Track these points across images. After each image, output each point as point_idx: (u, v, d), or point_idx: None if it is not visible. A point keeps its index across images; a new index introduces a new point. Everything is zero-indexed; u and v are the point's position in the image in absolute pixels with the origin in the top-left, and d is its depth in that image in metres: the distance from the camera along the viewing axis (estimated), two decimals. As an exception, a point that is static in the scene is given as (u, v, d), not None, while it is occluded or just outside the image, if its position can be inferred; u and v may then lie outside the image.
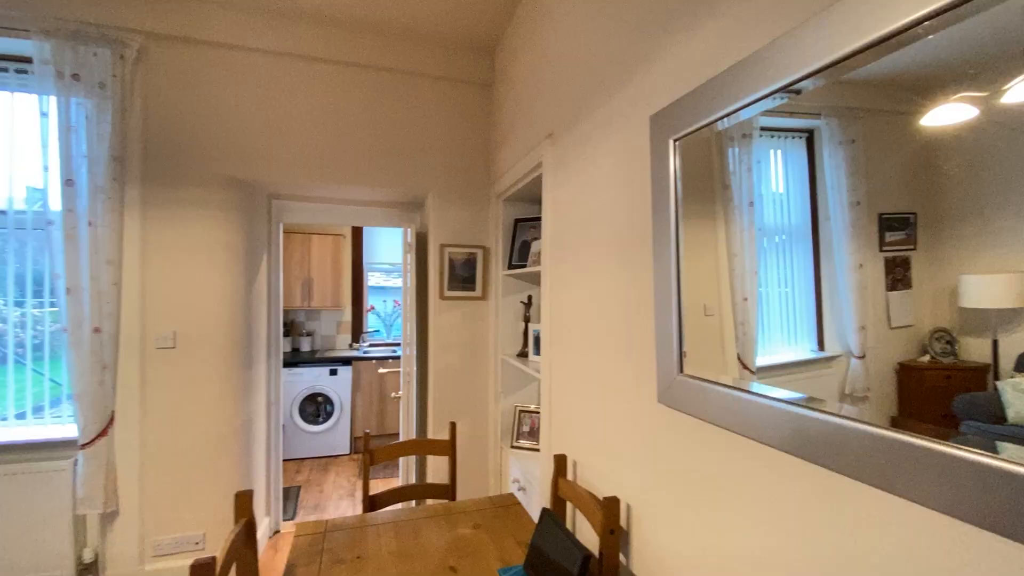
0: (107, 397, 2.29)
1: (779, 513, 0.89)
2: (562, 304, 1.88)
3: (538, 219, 2.69)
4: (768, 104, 0.87)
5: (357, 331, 5.18)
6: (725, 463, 1.02)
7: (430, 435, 2.87)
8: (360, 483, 3.88)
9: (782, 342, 0.90)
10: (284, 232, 4.28)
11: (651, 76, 1.28)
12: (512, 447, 2.66)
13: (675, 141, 1.10)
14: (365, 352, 4.84)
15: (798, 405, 0.83)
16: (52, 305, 2.53)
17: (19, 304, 2.50)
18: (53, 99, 2.20)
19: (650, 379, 1.28)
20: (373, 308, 5.41)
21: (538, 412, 2.65)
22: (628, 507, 1.39)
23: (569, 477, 1.79)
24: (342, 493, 3.66)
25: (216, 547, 2.50)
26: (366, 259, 5.32)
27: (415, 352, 3.00)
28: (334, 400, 4.48)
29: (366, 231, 5.30)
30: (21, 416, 2.49)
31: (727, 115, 0.95)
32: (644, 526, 1.31)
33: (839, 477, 0.77)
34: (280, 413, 3.02)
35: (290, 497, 3.52)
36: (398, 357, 4.72)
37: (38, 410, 2.49)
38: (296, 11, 2.50)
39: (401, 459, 3.05)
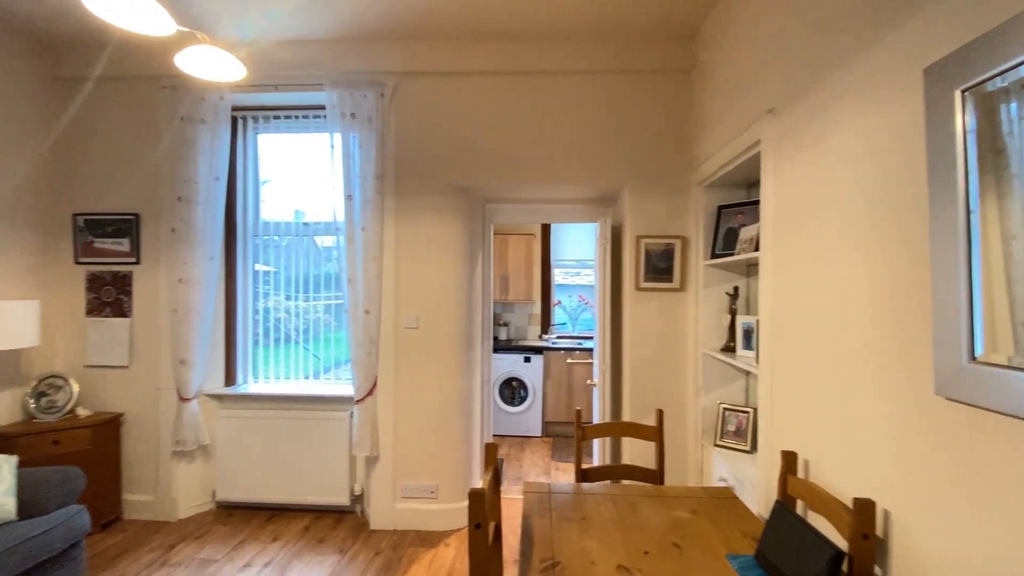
0: (373, 365, 2.91)
1: None
2: (788, 293, 1.75)
3: (747, 204, 2.53)
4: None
5: (545, 323, 5.52)
6: (1044, 469, 0.85)
7: (627, 423, 2.92)
8: (552, 462, 4.15)
9: None
10: (486, 232, 4.80)
11: (920, 24, 1.13)
12: (716, 445, 2.56)
13: (964, 92, 0.96)
14: (554, 343, 5.12)
15: None
16: (328, 296, 3.34)
17: (290, 298, 3.36)
18: (338, 135, 2.87)
19: (921, 370, 1.12)
20: (560, 303, 5.69)
21: (746, 411, 2.49)
22: (885, 512, 1.24)
23: (799, 475, 1.66)
24: (538, 471, 3.96)
25: (447, 497, 2.96)
26: (553, 256, 5.63)
27: (609, 343, 3.09)
28: (528, 385, 4.85)
29: (553, 231, 5.60)
30: (306, 377, 3.34)
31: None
32: (912, 535, 1.16)
33: None
34: (491, 391, 3.41)
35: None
36: (585, 349, 4.89)
37: (318, 374, 3.30)
38: (506, 33, 2.80)
39: (596, 441, 3.17)
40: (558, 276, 5.76)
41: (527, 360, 4.87)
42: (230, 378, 3.23)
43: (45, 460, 2.62)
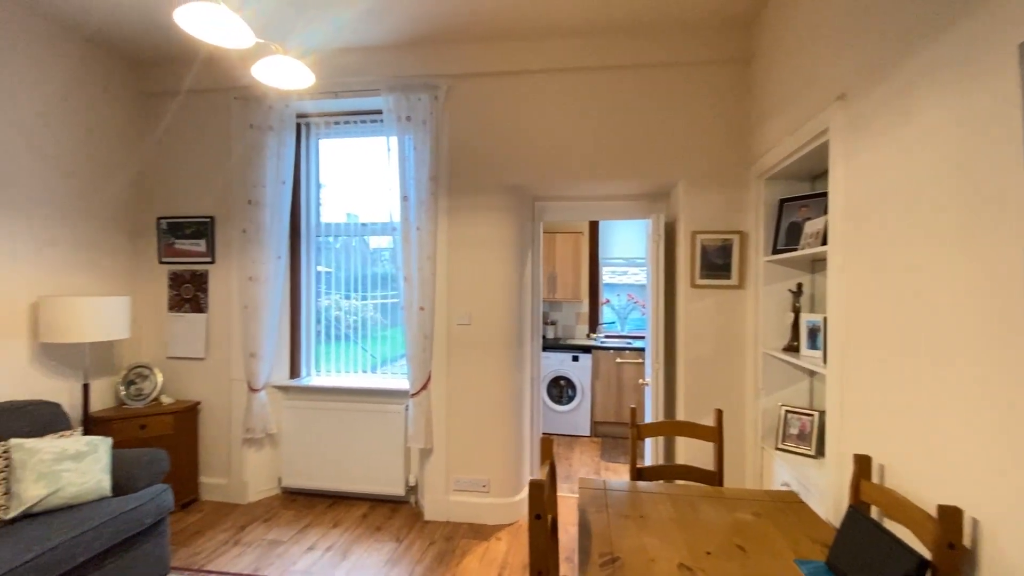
0: (427, 360, 2.99)
1: None
2: (861, 289, 1.66)
3: (812, 196, 2.41)
4: None
5: (593, 322, 5.47)
6: None
7: (681, 424, 2.86)
8: (602, 462, 4.11)
9: None
10: (534, 231, 4.82)
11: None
12: (777, 449, 2.46)
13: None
14: (602, 342, 5.07)
15: None
16: (380, 296, 3.46)
17: (345, 297, 3.50)
18: (394, 138, 2.97)
19: None
20: (608, 301, 5.63)
21: (810, 414, 2.38)
22: (974, 520, 1.16)
23: (874, 481, 1.57)
24: (587, 471, 3.93)
25: (498, 492, 3.00)
26: (601, 255, 5.57)
27: (662, 342, 3.03)
28: (576, 384, 4.83)
29: (601, 229, 5.54)
30: (364, 372, 3.47)
31: None
32: (1004, 545, 1.07)
33: None
34: (540, 389, 3.43)
35: (545, 465, 3.95)
36: (635, 349, 4.81)
37: (372, 370, 3.42)
38: (556, 31, 2.81)
39: (649, 441, 3.12)
40: (606, 275, 5.70)
41: (575, 359, 4.85)
42: (294, 371, 3.42)
43: (133, 443, 2.87)
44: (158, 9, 2.60)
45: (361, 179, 3.49)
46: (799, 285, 2.48)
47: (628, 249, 5.66)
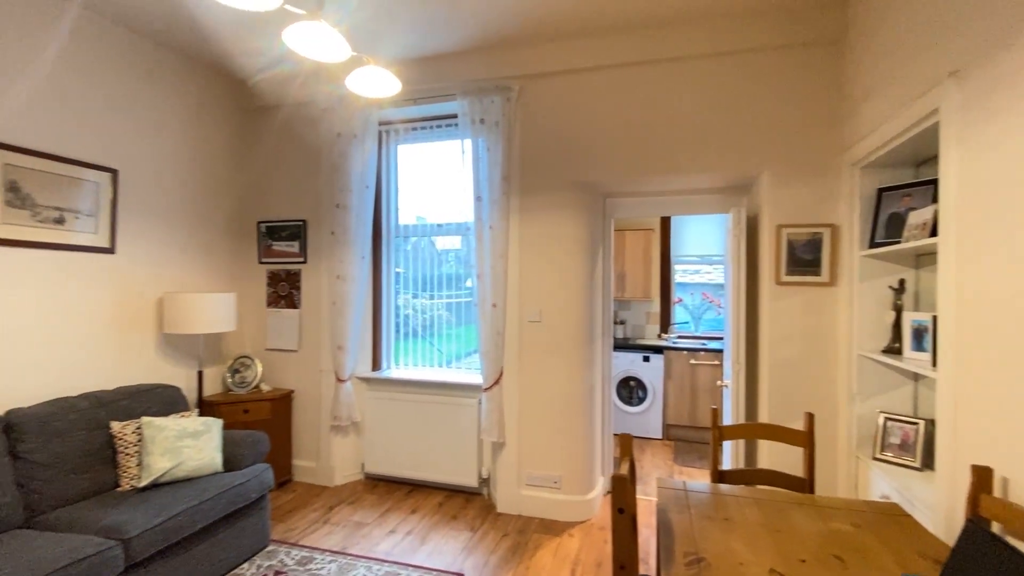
0: (499, 356, 3.06)
1: None
2: (980, 284, 1.50)
3: (917, 184, 2.21)
4: None
5: (665, 322, 5.32)
6: None
7: (764, 428, 2.72)
8: (676, 466, 3.99)
9: None
10: (604, 229, 4.77)
11: None
12: (875, 459, 2.28)
13: None
14: (675, 343, 4.91)
15: None
16: (447, 295, 3.58)
17: (415, 296, 3.64)
18: (468, 141, 3.07)
19: None
20: (681, 300, 5.44)
21: (914, 422, 2.18)
22: None
23: (995, 495, 1.42)
24: (660, 473, 3.83)
25: (570, 489, 3.01)
26: (673, 252, 5.40)
27: (743, 343, 2.89)
28: (647, 385, 4.72)
29: (673, 225, 5.37)
30: (439, 366, 3.61)
31: None
32: None
33: None
34: (611, 388, 3.39)
35: (615, 466, 3.91)
36: (710, 350, 4.62)
37: (443, 365, 3.54)
38: (628, 25, 2.76)
39: (728, 444, 2.99)
40: (678, 273, 5.51)
41: (646, 359, 4.74)
42: (376, 363, 3.63)
43: (237, 425, 3.18)
44: (263, 32, 2.86)
45: (431, 182, 3.64)
46: (901, 281, 2.28)
47: (702, 246, 5.44)
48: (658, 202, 3.31)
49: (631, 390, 4.85)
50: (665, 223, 5.36)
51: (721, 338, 5.14)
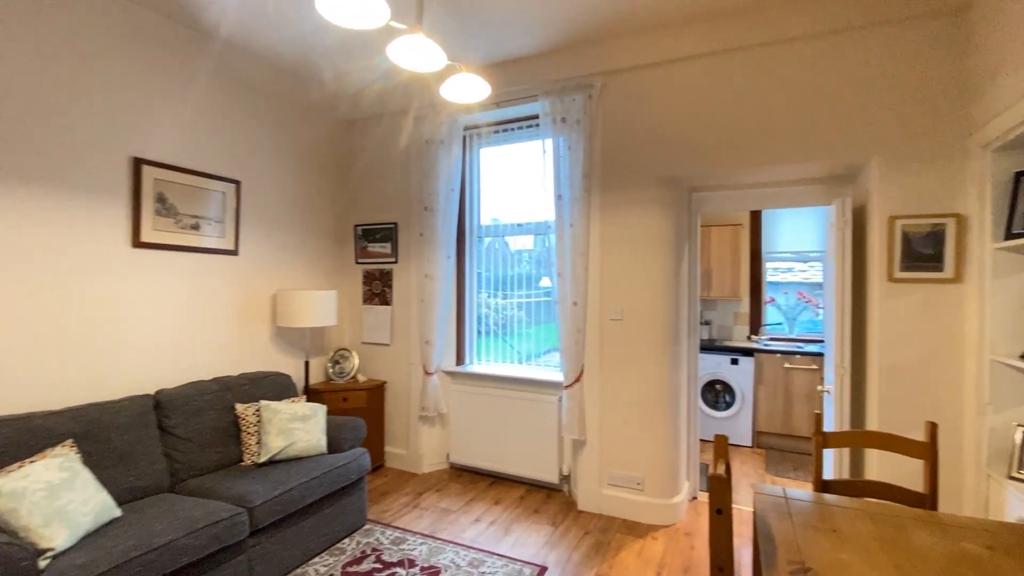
0: (580, 354, 3.07)
1: None
2: None
3: (1071, 167, 1.92)
4: None
5: (755, 323, 5.01)
6: None
7: (874, 439, 2.49)
8: (768, 476, 3.75)
9: None
10: (687, 226, 4.60)
11: None
12: (1011, 478, 2.01)
13: None
14: (766, 345, 4.62)
15: None
16: (521, 295, 3.62)
17: (491, 296, 3.71)
18: (550, 141, 3.11)
19: None
20: (773, 300, 5.10)
21: (1067, 438, 1.90)
22: None
23: None
24: (750, 482, 3.63)
25: (653, 491, 2.94)
26: (764, 249, 5.08)
27: (848, 345, 2.67)
28: (735, 389, 4.48)
29: (764, 221, 5.05)
30: (514, 363, 3.67)
31: None
32: None
33: None
34: (697, 390, 3.27)
35: (702, 471, 3.76)
36: (807, 353, 4.29)
37: (520, 363, 3.59)
38: (717, 10, 2.65)
39: (831, 452, 2.77)
40: (769, 271, 5.17)
41: (734, 362, 4.50)
42: (460, 359, 3.78)
43: (337, 412, 3.46)
44: (363, 48, 3.09)
45: (510, 183, 3.72)
46: (1049, 278, 2.00)
47: (796, 242, 5.06)
48: (749, 195, 3.14)
49: (717, 394, 4.63)
50: (755, 218, 5.05)
51: (819, 340, 4.76)
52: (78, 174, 2.39)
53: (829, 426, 2.80)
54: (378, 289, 3.82)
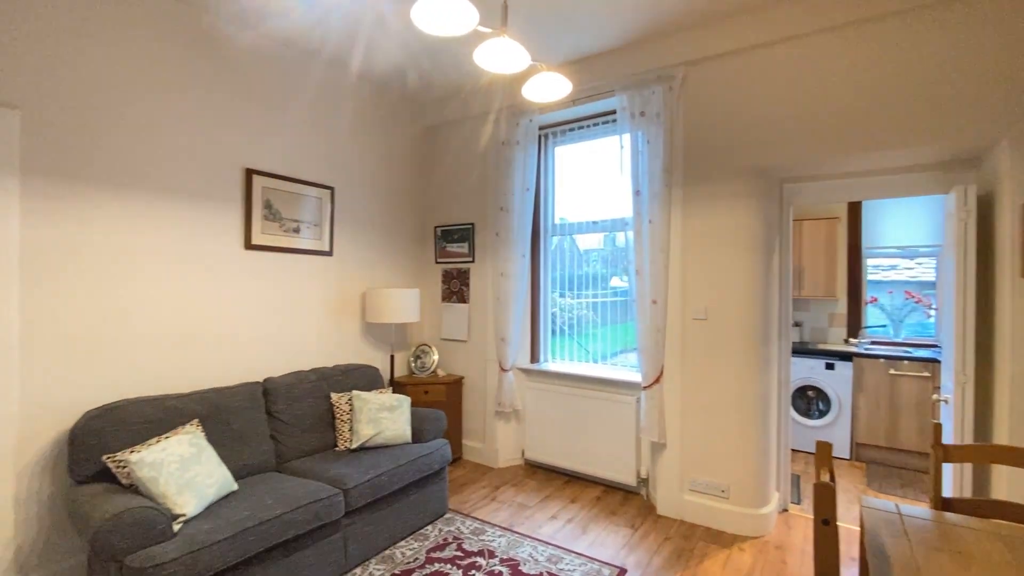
0: (659, 354, 2.98)
1: None
2: None
3: None
4: None
5: (854, 325, 4.60)
6: None
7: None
8: (871, 491, 3.43)
9: None
10: (775, 220, 4.31)
11: None
12: None
13: None
14: (868, 349, 4.22)
15: None
16: (590, 295, 3.57)
17: (562, 295, 3.68)
18: (627, 136, 3.06)
19: None
20: (875, 300, 4.65)
21: None
22: None
23: None
24: (850, 498, 3.34)
25: (739, 500, 2.80)
26: (864, 244, 4.64)
27: (971, 350, 2.38)
28: (830, 397, 4.14)
29: (865, 213, 4.61)
30: (587, 362, 3.63)
31: None
32: None
33: None
34: (789, 395, 3.06)
35: (793, 483, 3.51)
36: (916, 359, 3.87)
37: (592, 362, 3.54)
38: (817, -13, 2.47)
39: (951, 468, 2.48)
40: (870, 269, 4.71)
41: (829, 367, 4.16)
42: (534, 356, 3.82)
43: (419, 404, 3.63)
44: (448, 53, 3.22)
45: (580, 181, 3.70)
46: None
47: (902, 236, 4.57)
48: (848, 185, 2.89)
49: (809, 401, 4.31)
50: (853, 210, 4.63)
51: (931, 345, 4.27)
52: (200, 184, 2.70)
53: (948, 439, 2.51)
54: (456, 288, 3.96)
